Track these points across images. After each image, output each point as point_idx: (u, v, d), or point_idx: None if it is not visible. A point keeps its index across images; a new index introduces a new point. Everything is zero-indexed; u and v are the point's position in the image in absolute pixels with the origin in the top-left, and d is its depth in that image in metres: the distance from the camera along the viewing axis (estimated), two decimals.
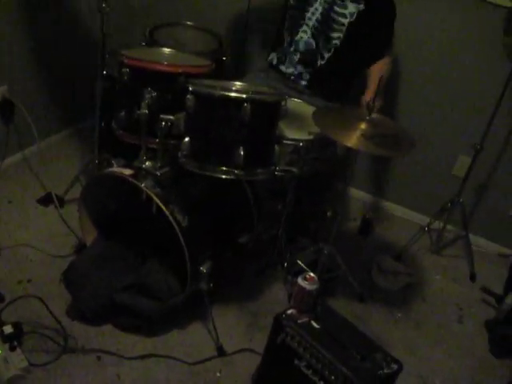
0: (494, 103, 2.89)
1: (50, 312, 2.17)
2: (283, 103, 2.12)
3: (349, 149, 2.30)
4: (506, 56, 2.76)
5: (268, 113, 2.10)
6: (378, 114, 2.20)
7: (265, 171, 2.16)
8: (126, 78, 2.27)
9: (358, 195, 3.72)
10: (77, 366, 2.11)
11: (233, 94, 2.01)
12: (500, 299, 2.83)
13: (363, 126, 2.09)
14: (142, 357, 2.21)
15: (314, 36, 2.73)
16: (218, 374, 2.22)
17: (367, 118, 2.11)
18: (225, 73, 3.22)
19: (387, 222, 3.54)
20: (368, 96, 2.61)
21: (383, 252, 3.17)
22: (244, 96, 1.98)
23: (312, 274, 1.95)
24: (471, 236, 3.34)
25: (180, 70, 2.22)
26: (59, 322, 2.18)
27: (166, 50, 2.59)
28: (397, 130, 2.19)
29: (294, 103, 2.67)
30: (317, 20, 2.70)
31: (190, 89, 2.03)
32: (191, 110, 2.05)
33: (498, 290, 2.94)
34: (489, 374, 2.53)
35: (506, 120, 3.13)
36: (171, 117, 2.13)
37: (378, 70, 2.72)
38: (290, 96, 2.69)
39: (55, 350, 2.12)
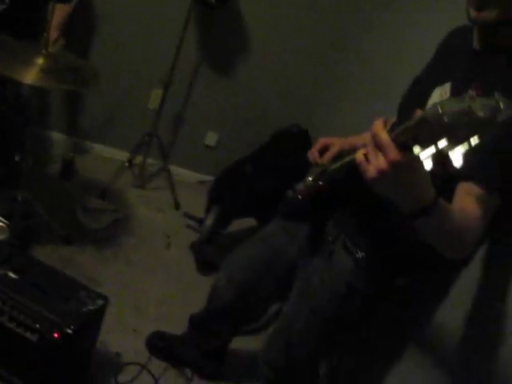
0: (179, 34, 2.98)
1: None
2: None
3: (35, 88, 2.16)
4: None
5: None
6: (57, 49, 2.09)
7: None
8: None
9: (58, 137, 3.54)
10: None
11: None
12: (201, 222, 3.04)
13: (41, 61, 1.96)
14: None
15: None
16: None
17: (44, 52, 1.98)
18: None
19: (89, 161, 3.46)
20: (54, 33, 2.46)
21: (88, 192, 3.12)
22: None
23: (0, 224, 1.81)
24: (172, 167, 3.49)
25: None
26: None
27: None
28: (78, 64, 2.11)
29: None
30: None
31: None
32: None
33: (201, 214, 3.14)
34: (198, 291, 2.70)
35: (192, 52, 3.28)
36: None
37: (59, 8, 2.56)
38: None
39: None
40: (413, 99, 1.52)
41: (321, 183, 1.54)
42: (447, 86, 1.35)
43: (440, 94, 1.36)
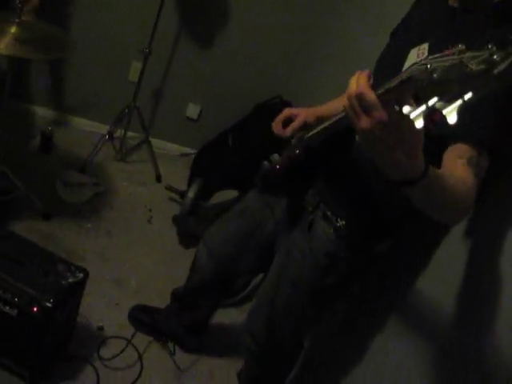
0: (157, 5, 2.91)
1: None
2: None
3: (9, 58, 2.11)
4: None
5: None
6: (30, 17, 2.03)
7: None
8: None
9: (36, 111, 3.46)
10: None
11: None
12: (184, 195, 3.02)
13: (14, 29, 1.90)
14: None
15: None
16: None
17: (17, 20, 1.92)
18: None
19: (69, 135, 3.39)
20: None
21: (68, 166, 3.06)
22: None
23: None
24: (153, 140, 3.44)
25: None
26: None
27: None
28: (52, 32, 2.06)
29: None
30: None
31: None
32: None
33: (183, 187, 3.11)
34: (180, 264, 2.69)
35: (171, 23, 3.21)
36: None
37: None
38: None
39: None
40: (389, 60, 1.49)
41: (297, 152, 1.51)
42: (425, 47, 1.32)
43: (417, 55, 1.32)
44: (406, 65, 1.33)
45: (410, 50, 1.35)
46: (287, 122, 1.65)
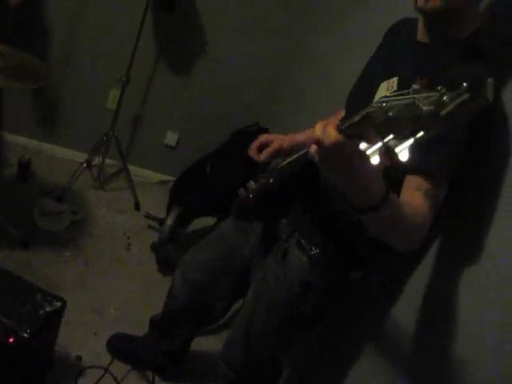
0: (135, 34, 2.95)
1: None
2: None
3: None
4: None
5: None
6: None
7: None
8: None
9: (14, 139, 3.45)
10: None
11: None
12: (162, 222, 3.02)
13: None
14: None
15: None
16: None
17: None
18: None
19: (47, 163, 3.38)
20: None
21: (45, 194, 3.05)
22: None
23: None
24: (132, 167, 3.46)
25: None
26: None
27: None
28: (30, 61, 2.07)
29: None
30: None
31: None
32: None
33: (162, 215, 3.12)
34: (159, 291, 2.67)
35: (149, 51, 3.25)
36: None
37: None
38: None
39: None
40: (360, 92, 1.53)
41: (271, 181, 1.54)
42: (394, 80, 1.36)
43: (387, 88, 1.36)
44: (376, 97, 1.36)
45: (380, 83, 1.39)
46: (263, 147, 1.69)
